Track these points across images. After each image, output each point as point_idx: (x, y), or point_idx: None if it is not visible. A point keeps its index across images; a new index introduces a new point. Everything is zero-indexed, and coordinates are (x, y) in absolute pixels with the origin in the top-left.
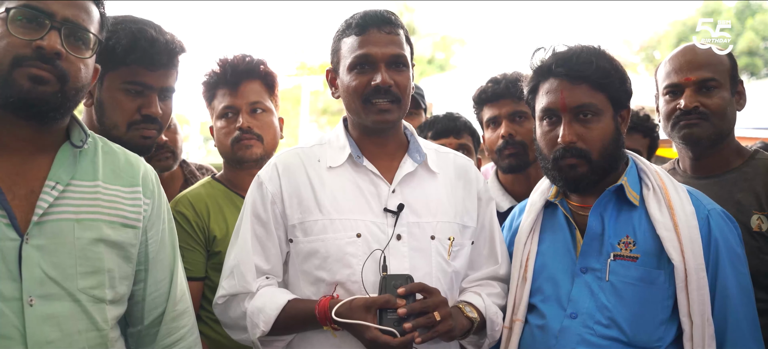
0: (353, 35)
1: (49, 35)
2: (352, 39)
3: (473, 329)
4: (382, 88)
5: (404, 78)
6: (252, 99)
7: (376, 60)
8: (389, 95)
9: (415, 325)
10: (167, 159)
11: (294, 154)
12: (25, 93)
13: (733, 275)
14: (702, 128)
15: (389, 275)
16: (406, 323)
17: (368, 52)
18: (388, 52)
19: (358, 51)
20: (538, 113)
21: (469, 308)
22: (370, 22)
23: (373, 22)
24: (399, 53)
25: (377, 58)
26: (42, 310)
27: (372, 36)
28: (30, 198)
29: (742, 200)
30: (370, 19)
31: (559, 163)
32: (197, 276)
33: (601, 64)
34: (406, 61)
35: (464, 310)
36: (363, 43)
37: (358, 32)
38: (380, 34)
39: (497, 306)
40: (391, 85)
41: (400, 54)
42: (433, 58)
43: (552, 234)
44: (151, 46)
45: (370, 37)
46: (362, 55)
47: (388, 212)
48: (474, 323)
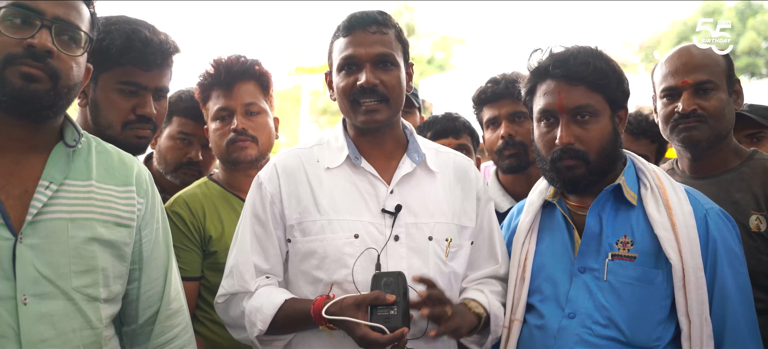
0: (341, 37)
1: (40, 33)
2: (340, 40)
3: (480, 325)
4: (367, 88)
5: (392, 77)
6: (246, 100)
7: (361, 60)
8: (375, 95)
9: (431, 314)
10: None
11: (294, 154)
12: (17, 91)
13: (731, 274)
14: (700, 131)
15: (380, 273)
16: (424, 309)
17: (353, 53)
18: (373, 52)
19: (344, 52)
20: (535, 114)
21: (474, 304)
22: (355, 23)
23: (359, 22)
24: (384, 52)
25: (362, 58)
26: (36, 309)
27: (357, 36)
28: (24, 198)
29: (740, 200)
30: (355, 20)
31: (557, 164)
32: (193, 276)
33: (598, 64)
34: (393, 59)
35: (470, 306)
36: (348, 44)
37: (345, 33)
38: (365, 34)
39: (499, 303)
40: (376, 85)
41: (386, 53)
42: (432, 57)
43: (550, 234)
44: (145, 46)
45: (356, 38)
46: (347, 56)
47: (385, 213)
48: (481, 319)
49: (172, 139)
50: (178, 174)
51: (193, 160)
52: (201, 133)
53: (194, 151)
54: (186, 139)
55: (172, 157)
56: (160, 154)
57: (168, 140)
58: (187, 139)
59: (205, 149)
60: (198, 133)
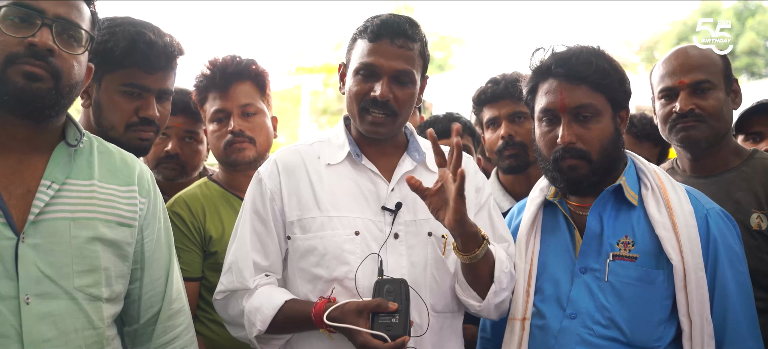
0: (367, 40)
1: (41, 32)
2: (365, 43)
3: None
4: (379, 101)
5: (405, 94)
6: (243, 101)
7: (380, 72)
8: (386, 108)
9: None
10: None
11: (294, 151)
12: (19, 90)
13: (732, 274)
14: (699, 130)
15: (383, 279)
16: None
17: (374, 62)
18: (394, 66)
19: (365, 59)
20: (537, 114)
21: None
22: (385, 31)
23: (388, 32)
24: (405, 69)
25: (382, 70)
26: (38, 308)
27: (383, 46)
28: (26, 197)
29: (740, 199)
30: (385, 29)
31: (560, 164)
32: (194, 276)
33: (600, 64)
34: (412, 77)
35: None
36: (372, 52)
37: (372, 38)
38: (392, 46)
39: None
40: (389, 100)
41: (406, 70)
42: (431, 57)
43: (551, 234)
44: (149, 49)
45: (381, 47)
46: (368, 63)
47: (386, 211)
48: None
49: None
50: (159, 170)
51: (170, 153)
52: (178, 126)
53: (172, 144)
54: (164, 133)
55: (151, 154)
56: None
57: None
58: (164, 133)
59: (184, 142)
60: (175, 127)
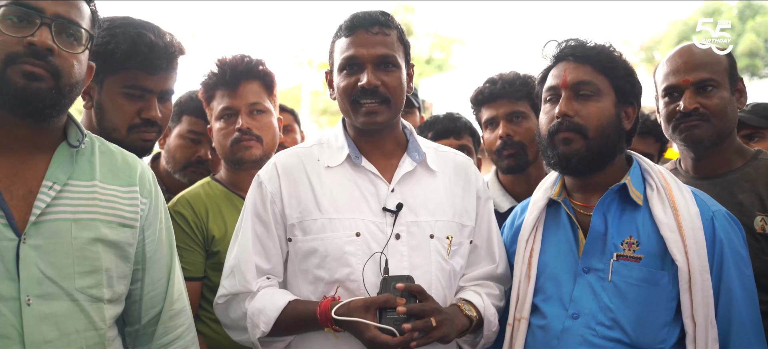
0: (343, 37)
1: (40, 31)
2: (342, 40)
3: (471, 327)
4: (368, 89)
5: (393, 78)
6: (251, 100)
7: (362, 61)
8: (377, 96)
9: (414, 327)
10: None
11: (293, 153)
12: (20, 90)
13: (737, 277)
14: (703, 129)
15: (390, 277)
16: (406, 324)
17: (355, 53)
18: (375, 53)
19: (346, 52)
20: (542, 97)
21: (468, 306)
22: (358, 23)
23: (361, 23)
24: (386, 53)
25: (364, 59)
26: (40, 309)
27: (359, 37)
28: (28, 198)
29: (744, 201)
30: (358, 21)
31: (554, 138)
32: (196, 276)
33: (608, 50)
34: (395, 61)
35: (463, 308)
36: (350, 45)
37: (347, 33)
38: (368, 35)
39: (495, 308)
40: (377, 86)
41: (388, 54)
42: (431, 57)
43: (554, 233)
44: (150, 50)
45: (358, 38)
46: (349, 56)
47: (387, 212)
48: (472, 321)
49: (181, 138)
50: (186, 172)
51: (202, 158)
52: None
53: (204, 150)
54: (196, 138)
55: (182, 156)
56: (168, 153)
57: (177, 139)
58: (197, 138)
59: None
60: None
